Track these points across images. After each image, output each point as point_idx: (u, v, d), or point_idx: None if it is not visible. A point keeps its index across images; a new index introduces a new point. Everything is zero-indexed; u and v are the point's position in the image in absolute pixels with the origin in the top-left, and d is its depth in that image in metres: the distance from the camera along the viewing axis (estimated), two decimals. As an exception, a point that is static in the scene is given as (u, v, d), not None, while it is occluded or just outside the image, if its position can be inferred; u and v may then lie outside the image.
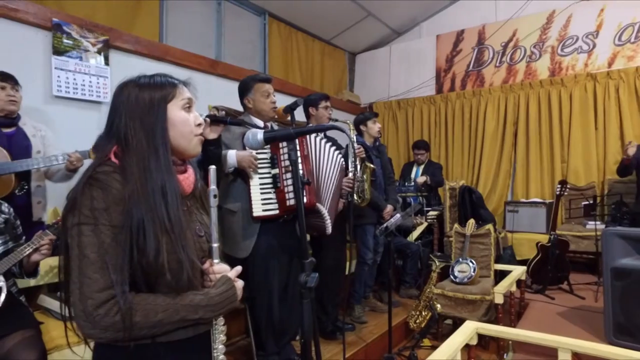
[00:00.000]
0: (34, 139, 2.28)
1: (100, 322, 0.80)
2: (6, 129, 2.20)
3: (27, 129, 2.28)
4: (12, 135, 2.20)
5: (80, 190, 0.85)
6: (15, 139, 2.20)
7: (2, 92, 2.14)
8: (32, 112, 2.55)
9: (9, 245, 1.76)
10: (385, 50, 6.01)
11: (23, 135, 2.24)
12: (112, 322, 0.80)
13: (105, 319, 0.80)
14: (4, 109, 2.15)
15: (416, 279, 3.87)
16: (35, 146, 2.27)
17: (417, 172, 4.67)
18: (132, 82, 0.95)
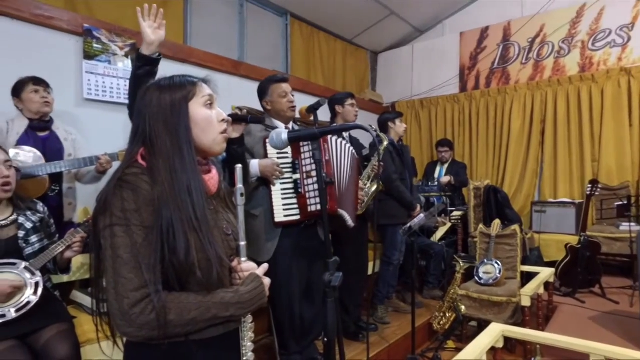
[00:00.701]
0: (66, 142, 2.37)
1: (136, 321, 0.81)
2: (41, 133, 2.29)
3: (59, 132, 2.37)
4: (47, 139, 2.30)
5: (110, 192, 0.87)
6: (49, 142, 2.29)
7: (37, 95, 2.22)
8: (64, 115, 2.65)
9: (44, 242, 1.83)
10: (407, 49, 5.95)
11: (56, 138, 2.34)
12: (148, 321, 0.81)
13: (141, 318, 0.81)
14: (39, 111, 2.24)
15: (440, 280, 3.82)
16: (67, 149, 2.36)
17: (441, 171, 4.60)
18: (153, 86, 0.97)
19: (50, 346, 1.59)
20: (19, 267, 1.67)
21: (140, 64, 1.65)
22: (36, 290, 1.67)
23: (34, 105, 2.22)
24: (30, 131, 2.24)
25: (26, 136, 2.21)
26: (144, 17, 1.63)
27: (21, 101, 2.23)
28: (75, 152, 2.38)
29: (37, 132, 2.26)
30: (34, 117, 2.25)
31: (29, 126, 2.24)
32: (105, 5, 3.25)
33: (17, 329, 1.58)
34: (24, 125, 2.23)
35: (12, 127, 2.19)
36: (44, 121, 2.29)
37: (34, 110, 2.23)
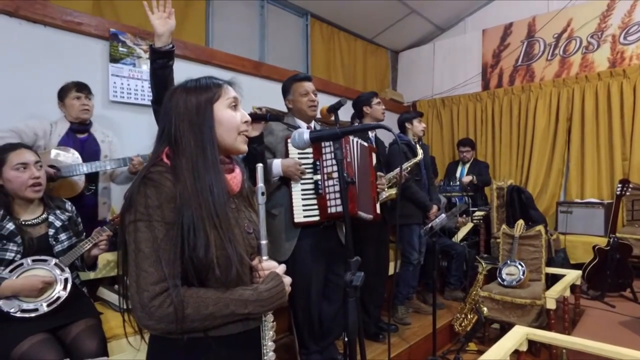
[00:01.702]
0: (103, 144, 2.48)
1: (155, 313, 0.84)
2: (80, 135, 2.41)
3: (97, 134, 2.48)
4: (85, 141, 2.41)
5: (135, 189, 0.90)
6: (87, 144, 2.40)
7: (78, 102, 2.34)
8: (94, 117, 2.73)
9: (73, 240, 1.89)
10: (428, 48, 5.88)
11: (94, 140, 2.45)
12: (166, 314, 0.84)
13: (160, 311, 0.84)
14: (78, 117, 2.36)
15: (461, 281, 3.76)
16: (104, 151, 2.46)
17: (463, 171, 4.53)
18: (180, 88, 1.00)
19: (79, 340, 1.65)
20: (49, 264, 1.74)
21: (154, 57, 1.68)
22: (65, 286, 1.73)
23: (74, 111, 2.34)
24: (70, 133, 2.36)
25: (67, 138, 2.33)
26: (152, 9, 1.65)
27: (64, 105, 2.37)
28: (111, 154, 2.48)
29: (76, 134, 2.39)
30: (74, 120, 2.37)
31: (70, 128, 2.36)
32: (131, 10, 3.33)
33: (48, 322, 1.64)
34: (66, 127, 2.35)
35: (55, 129, 2.32)
36: (83, 124, 2.41)
37: (73, 116, 2.35)
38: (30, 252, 1.73)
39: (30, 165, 1.76)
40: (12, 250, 1.68)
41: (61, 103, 2.38)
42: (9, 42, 2.57)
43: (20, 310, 1.60)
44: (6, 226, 1.69)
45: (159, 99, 1.73)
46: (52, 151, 2.21)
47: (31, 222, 1.79)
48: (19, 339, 1.53)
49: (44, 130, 2.27)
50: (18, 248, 1.70)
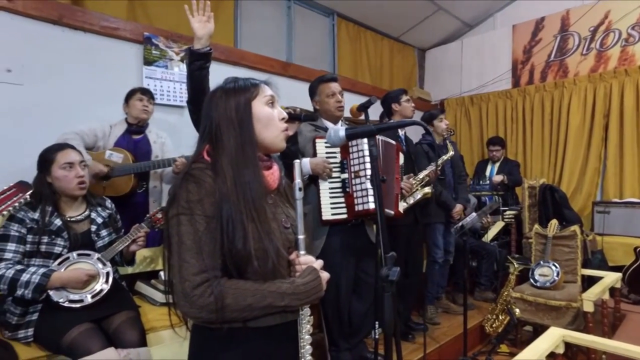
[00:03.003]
0: (155, 145, 2.60)
1: (196, 302, 0.87)
2: (135, 136, 2.56)
3: (151, 136, 2.62)
4: (139, 142, 2.55)
5: (178, 185, 0.94)
6: (140, 144, 2.54)
7: (140, 103, 2.51)
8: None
9: (113, 236, 1.98)
10: (456, 45, 5.79)
11: (147, 141, 2.59)
12: (207, 303, 0.87)
13: (201, 300, 0.87)
14: (138, 117, 2.52)
15: (492, 282, 3.69)
16: (155, 151, 2.59)
17: (492, 170, 4.44)
18: (219, 89, 1.04)
19: (120, 331, 1.72)
20: (92, 258, 1.82)
21: (192, 59, 1.73)
22: (107, 279, 1.80)
23: (135, 111, 2.51)
24: (126, 134, 2.52)
25: (122, 139, 2.49)
26: (193, 13, 1.71)
27: (128, 106, 2.54)
28: (162, 154, 2.60)
29: (132, 135, 2.54)
30: (133, 121, 2.54)
31: (127, 130, 2.52)
32: (163, 13, 3.43)
33: (92, 313, 1.72)
34: (123, 129, 2.52)
35: (113, 131, 2.48)
36: (139, 126, 2.56)
37: (134, 115, 2.52)
38: (75, 246, 1.82)
39: (75, 164, 1.85)
40: (60, 245, 1.78)
41: (126, 104, 2.56)
42: (53, 49, 2.70)
43: (68, 301, 1.69)
44: (54, 222, 1.78)
45: (194, 99, 1.79)
46: (106, 151, 2.37)
47: (76, 219, 1.88)
48: (68, 327, 1.61)
49: (104, 131, 2.44)
50: (65, 243, 1.79)
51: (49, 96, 2.64)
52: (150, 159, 2.53)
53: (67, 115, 2.63)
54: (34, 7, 2.61)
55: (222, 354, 0.96)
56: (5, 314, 1.73)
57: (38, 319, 1.69)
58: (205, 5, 1.73)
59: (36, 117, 2.55)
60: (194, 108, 1.81)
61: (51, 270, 1.68)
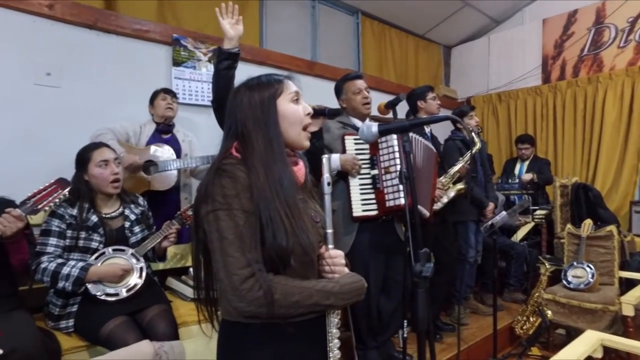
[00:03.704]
0: (183, 143, 2.67)
1: (246, 296, 0.87)
2: (164, 135, 2.63)
3: (179, 135, 2.69)
4: (168, 141, 2.62)
5: (210, 181, 0.94)
6: (170, 143, 2.60)
7: (164, 102, 2.59)
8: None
9: (145, 233, 2.03)
10: (483, 41, 5.67)
11: (175, 140, 2.66)
12: (256, 297, 0.87)
13: (250, 294, 0.87)
14: (164, 115, 2.59)
15: (521, 282, 3.60)
16: (184, 149, 2.65)
17: (521, 168, 4.33)
18: (243, 86, 1.03)
19: (153, 323, 1.77)
20: (127, 253, 1.88)
21: (221, 58, 1.78)
22: (141, 274, 1.86)
23: (160, 110, 2.59)
24: (156, 134, 2.60)
25: (153, 138, 2.57)
26: (223, 15, 1.77)
27: (153, 107, 2.62)
28: (191, 152, 2.67)
29: (161, 135, 2.61)
30: (159, 120, 2.61)
31: (156, 129, 2.59)
32: (191, 15, 3.50)
33: (127, 307, 1.78)
34: (152, 129, 2.59)
35: (144, 130, 2.57)
36: (167, 125, 2.63)
37: (159, 114, 2.59)
38: (111, 242, 1.88)
39: (110, 162, 1.91)
40: (96, 240, 1.84)
41: (151, 105, 2.64)
42: (88, 52, 2.80)
43: (105, 294, 1.75)
44: (91, 218, 1.85)
45: (218, 98, 1.83)
46: (151, 147, 2.46)
47: (110, 215, 1.95)
48: (105, 319, 1.68)
49: (135, 130, 2.53)
50: (101, 238, 1.85)
51: (83, 97, 2.74)
52: (180, 157, 2.60)
53: (101, 115, 2.71)
54: (71, 13, 2.71)
55: (252, 350, 0.96)
56: (49, 305, 1.81)
57: (77, 311, 1.77)
58: (234, 8, 1.77)
59: (72, 118, 2.64)
60: (218, 107, 1.85)
61: (89, 265, 1.75)
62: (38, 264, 1.71)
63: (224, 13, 1.77)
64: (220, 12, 1.77)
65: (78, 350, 1.70)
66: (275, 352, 0.96)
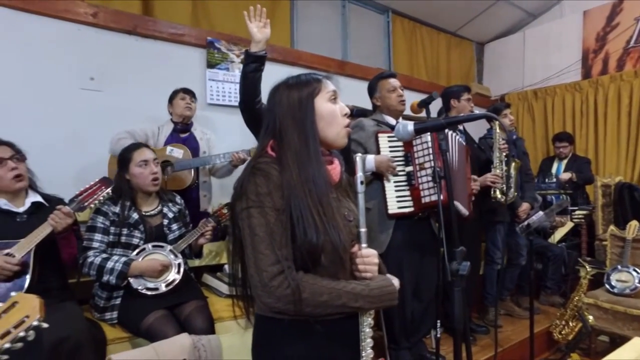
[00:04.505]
0: (202, 141, 2.71)
1: (274, 292, 0.89)
2: (182, 134, 2.68)
3: (196, 133, 2.73)
4: (186, 139, 2.67)
5: (246, 179, 0.96)
6: (189, 142, 2.65)
7: (183, 102, 2.63)
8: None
9: (182, 230, 2.11)
10: (518, 37, 5.49)
11: (194, 138, 2.70)
12: (285, 294, 0.89)
13: (279, 290, 0.89)
14: (182, 114, 2.62)
15: (559, 285, 3.47)
16: (202, 147, 2.70)
17: (559, 167, 4.17)
18: (282, 85, 1.05)
19: (191, 318, 1.83)
20: (165, 250, 1.95)
21: (248, 61, 1.81)
22: (179, 270, 1.93)
23: (179, 109, 2.62)
24: (174, 133, 2.64)
25: (171, 138, 2.62)
26: (251, 19, 1.79)
27: (172, 106, 2.66)
28: (209, 150, 2.71)
29: (179, 134, 2.65)
30: (178, 119, 2.65)
31: (174, 129, 2.64)
32: (224, 18, 3.58)
33: (166, 301, 1.85)
34: (170, 128, 2.64)
35: (162, 130, 2.62)
36: (185, 124, 2.67)
37: (178, 113, 2.63)
38: (150, 239, 1.96)
39: (150, 161, 1.99)
40: (137, 237, 1.93)
41: (170, 105, 2.68)
42: (128, 57, 2.92)
43: (145, 288, 1.83)
44: (132, 215, 1.93)
45: (245, 100, 1.86)
46: (167, 147, 2.50)
47: (150, 213, 2.03)
48: (146, 312, 1.75)
49: (153, 131, 2.57)
50: (141, 235, 1.93)
51: (123, 100, 2.86)
52: (199, 155, 2.63)
53: (139, 117, 2.82)
54: (112, 20, 2.84)
55: (286, 346, 0.98)
56: (94, 297, 1.91)
57: (120, 304, 1.85)
58: (262, 12, 1.80)
59: (113, 119, 2.76)
60: (245, 108, 1.88)
61: (131, 260, 1.83)
62: (85, 258, 1.80)
63: (251, 16, 1.80)
64: (248, 16, 1.79)
65: (121, 341, 1.78)
66: (306, 348, 0.97)
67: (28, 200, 1.76)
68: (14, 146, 1.75)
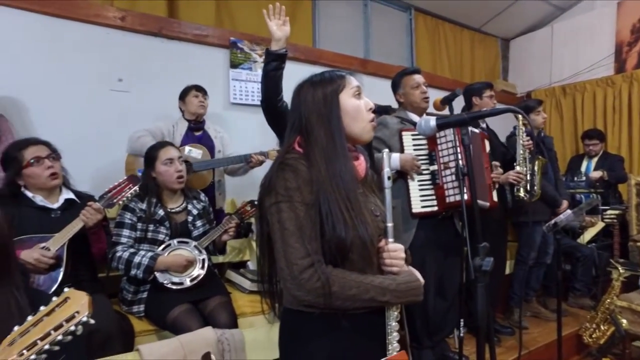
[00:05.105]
0: (216, 140, 2.72)
1: (305, 285, 0.91)
2: (197, 133, 2.68)
3: (210, 131, 2.73)
4: (201, 138, 2.67)
5: (274, 174, 0.98)
6: (203, 140, 2.66)
7: (196, 99, 2.62)
8: (215, 117, 3.03)
9: (206, 227, 2.15)
10: (545, 32, 5.34)
11: (208, 136, 2.70)
12: (314, 287, 0.91)
13: (309, 283, 0.91)
14: (196, 112, 2.62)
15: (589, 287, 3.36)
16: (217, 146, 2.70)
17: (589, 165, 4.04)
18: (306, 82, 1.07)
19: (215, 313, 1.87)
20: (190, 245, 2.00)
21: (269, 60, 1.82)
22: (203, 265, 1.97)
23: (192, 107, 2.61)
24: (189, 132, 2.64)
25: (186, 136, 2.62)
26: (270, 17, 1.80)
27: (184, 103, 2.64)
28: (223, 148, 2.71)
29: (194, 132, 2.66)
30: (190, 117, 2.63)
31: (188, 127, 2.64)
32: (246, 18, 3.63)
33: (191, 295, 1.89)
34: (185, 126, 2.64)
35: (177, 128, 2.63)
36: (198, 122, 2.67)
37: (191, 111, 2.61)
38: (175, 235, 2.01)
39: (175, 160, 2.04)
40: (163, 233, 1.98)
41: (181, 102, 2.66)
42: (154, 58, 3.00)
43: (171, 283, 1.88)
44: (158, 212, 1.99)
45: (267, 98, 1.88)
46: (186, 147, 2.51)
47: (175, 210, 2.08)
48: (171, 306, 1.80)
49: (168, 129, 2.59)
50: (167, 231, 1.99)
51: (150, 100, 2.94)
52: (214, 153, 2.63)
53: (165, 116, 2.88)
54: (140, 22, 2.93)
55: (313, 339, 0.99)
56: (122, 291, 1.98)
57: (147, 297, 1.91)
58: (281, 9, 1.82)
59: (140, 119, 2.82)
60: (267, 107, 1.90)
61: (157, 255, 1.88)
62: (114, 252, 1.87)
63: (271, 15, 1.81)
64: (267, 14, 1.81)
65: (148, 333, 1.84)
66: (333, 341, 0.98)
67: (62, 197, 1.84)
68: (50, 145, 1.83)
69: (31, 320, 0.77)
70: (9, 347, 0.75)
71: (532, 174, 2.55)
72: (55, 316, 0.77)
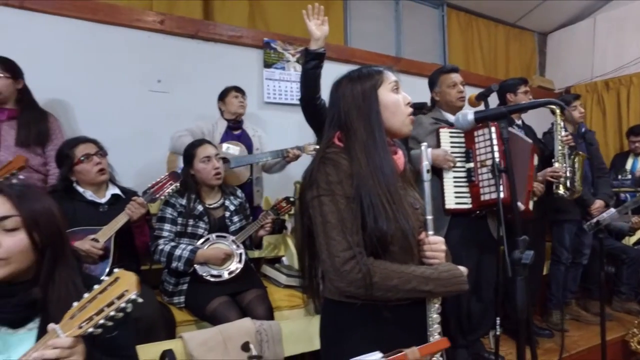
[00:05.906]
0: (254, 138, 2.79)
1: (346, 277, 0.93)
2: (235, 132, 2.76)
3: (248, 130, 2.81)
4: (240, 136, 2.75)
5: (315, 168, 1.00)
6: (242, 139, 2.73)
7: (236, 100, 2.70)
8: (250, 116, 3.09)
9: (243, 222, 2.21)
10: (587, 24, 5.12)
11: (246, 135, 2.78)
12: (356, 279, 0.92)
13: (351, 275, 0.93)
14: (236, 112, 2.70)
15: (636, 292, 3.20)
16: (255, 144, 2.77)
17: (635, 163, 3.85)
18: (344, 79, 1.08)
19: (252, 306, 1.92)
20: (228, 240, 2.06)
21: (308, 59, 1.85)
22: (240, 259, 2.03)
23: (233, 107, 2.68)
24: (228, 130, 2.72)
25: (226, 135, 2.70)
26: (309, 17, 1.83)
27: (224, 104, 2.73)
28: (261, 147, 2.78)
29: (233, 131, 2.74)
30: (230, 117, 2.71)
31: (227, 126, 2.72)
32: (279, 18, 3.68)
33: (228, 288, 1.96)
34: (224, 125, 2.72)
35: (217, 128, 2.71)
36: (237, 121, 2.75)
37: (232, 111, 2.69)
38: (214, 230, 2.08)
39: (212, 157, 2.11)
40: (202, 228, 2.05)
41: (221, 102, 2.75)
42: (191, 60, 3.10)
43: (210, 275, 1.95)
44: (197, 207, 2.06)
45: (306, 96, 1.91)
46: (223, 145, 2.59)
47: (213, 206, 2.15)
48: (210, 297, 1.87)
49: (208, 129, 2.67)
50: (206, 226, 2.06)
51: (188, 100, 3.04)
52: (252, 151, 2.69)
53: (203, 116, 2.97)
54: (177, 26, 3.04)
55: (355, 330, 1.01)
56: (163, 283, 2.07)
57: (187, 289, 1.98)
58: (319, 9, 1.85)
59: (179, 119, 2.92)
60: (306, 105, 1.93)
61: (197, 248, 1.95)
62: (156, 246, 1.95)
63: (310, 15, 1.85)
64: (307, 14, 1.84)
65: (189, 323, 1.91)
66: (375, 332, 1.00)
67: (108, 192, 1.94)
68: (97, 143, 1.93)
69: (87, 297, 0.84)
70: (70, 320, 0.83)
71: (573, 170, 2.47)
72: (107, 294, 0.83)
